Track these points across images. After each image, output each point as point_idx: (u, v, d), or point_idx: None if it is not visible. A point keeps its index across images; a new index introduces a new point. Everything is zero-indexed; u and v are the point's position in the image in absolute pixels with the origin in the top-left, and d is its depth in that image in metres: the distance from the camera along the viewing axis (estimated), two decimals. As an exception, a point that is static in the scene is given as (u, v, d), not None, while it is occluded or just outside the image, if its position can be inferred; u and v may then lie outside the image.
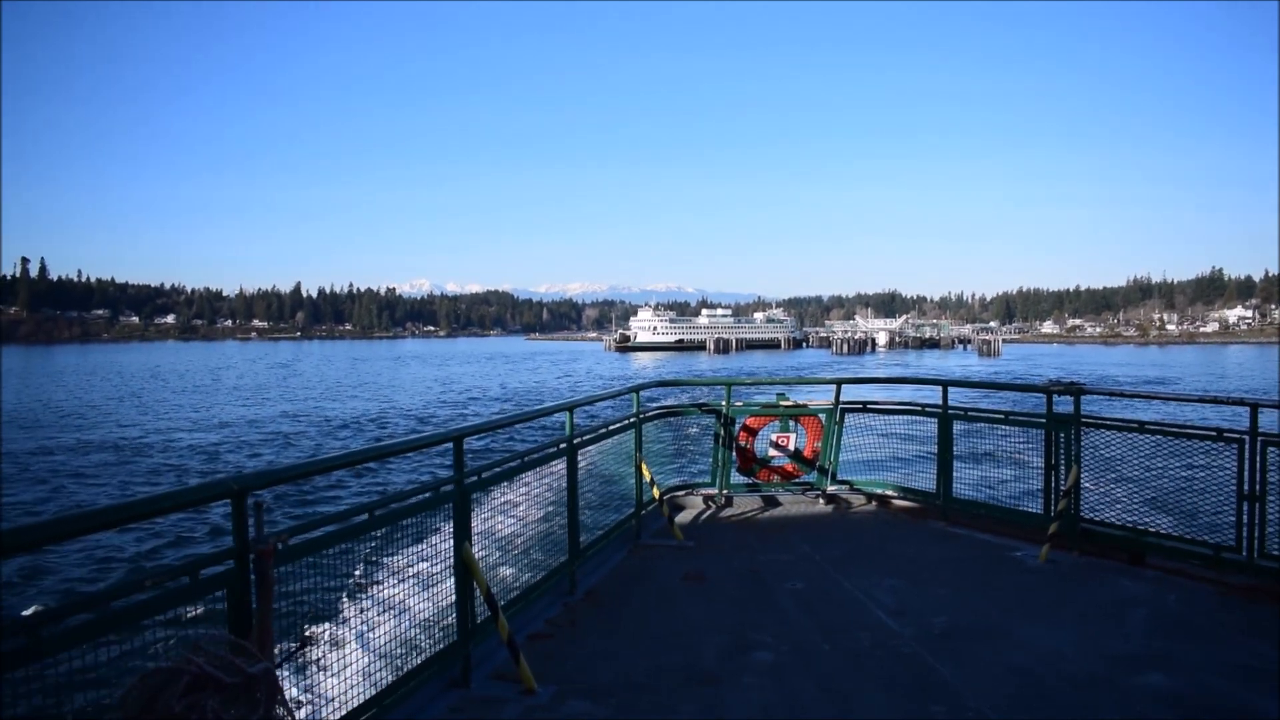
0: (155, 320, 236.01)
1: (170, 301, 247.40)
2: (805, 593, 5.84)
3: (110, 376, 72.57)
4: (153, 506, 2.76)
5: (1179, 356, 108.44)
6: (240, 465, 24.58)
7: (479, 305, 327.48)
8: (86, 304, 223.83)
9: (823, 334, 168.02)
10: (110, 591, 2.46)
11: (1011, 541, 7.10)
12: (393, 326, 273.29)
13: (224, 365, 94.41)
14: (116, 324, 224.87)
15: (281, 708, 2.59)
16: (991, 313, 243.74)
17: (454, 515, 4.32)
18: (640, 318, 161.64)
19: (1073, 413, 6.78)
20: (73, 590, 11.17)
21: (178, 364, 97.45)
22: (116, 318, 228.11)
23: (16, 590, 11.42)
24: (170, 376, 73.60)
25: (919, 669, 4.53)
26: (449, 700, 4.18)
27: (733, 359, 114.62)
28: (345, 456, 3.94)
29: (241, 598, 2.87)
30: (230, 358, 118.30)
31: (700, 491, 8.58)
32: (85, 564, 12.69)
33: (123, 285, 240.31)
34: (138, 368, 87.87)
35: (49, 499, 19.42)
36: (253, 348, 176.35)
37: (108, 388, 59.17)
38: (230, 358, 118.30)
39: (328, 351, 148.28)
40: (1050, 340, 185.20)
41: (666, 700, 4.18)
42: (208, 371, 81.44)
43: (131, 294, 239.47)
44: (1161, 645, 4.83)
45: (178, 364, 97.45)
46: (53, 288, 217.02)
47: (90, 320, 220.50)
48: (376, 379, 69.47)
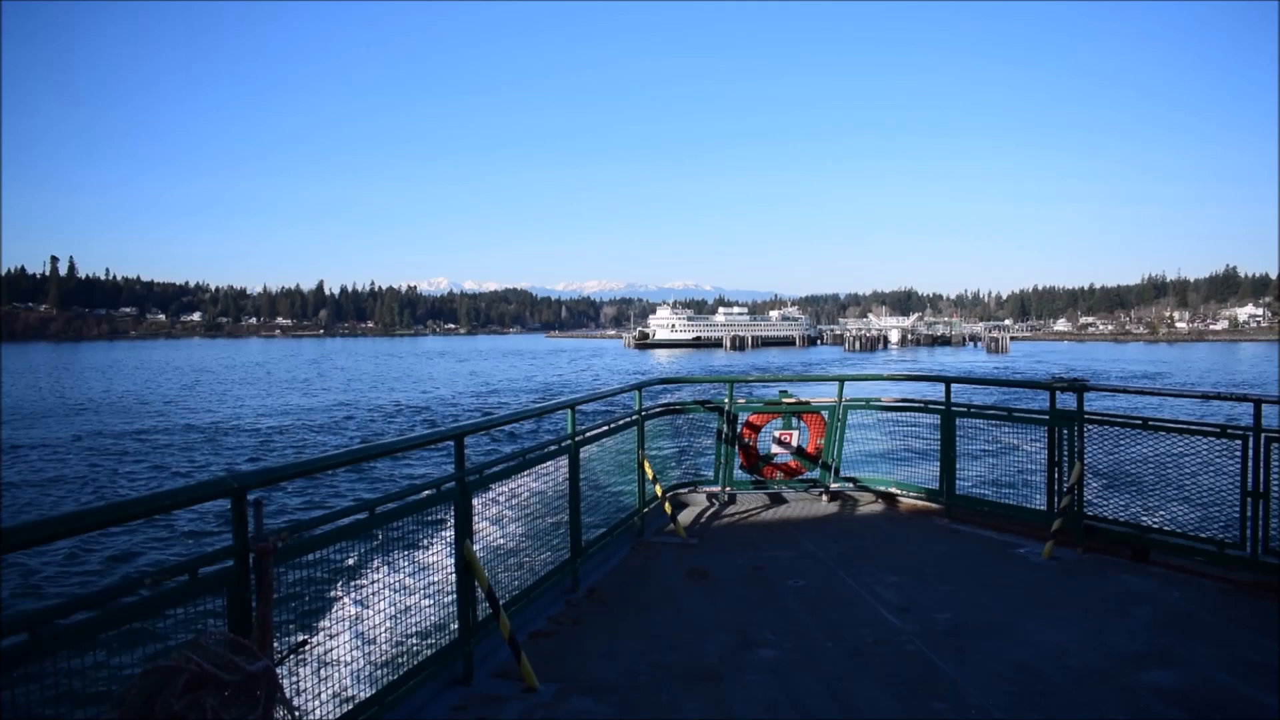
0: (181, 318, 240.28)
1: (195, 299, 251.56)
2: (808, 590, 5.86)
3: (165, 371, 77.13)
4: (152, 505, 2.73)
5: (1183, 353, 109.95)
6: (324, 445, 28.11)
7: (498, 303, 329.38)
8: (114, 302, 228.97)
9: (837, 331, 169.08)
10: (110, 589, 2.48)
11: (1015, 538, 7.09)
12: (414, 324, 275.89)
13: (261, 361, 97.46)
14: (143, 321, 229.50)
15: (282, 706, 2.59)
16: (1006, 311, 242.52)
17: (455, 513, 4.32)
18: (658, 316, 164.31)
19: (1076, 409, 6.78)
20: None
21: (215, 360, 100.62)
22: (144, 315, 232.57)
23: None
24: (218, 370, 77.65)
25: (922, 666, 4.53)
26: (451, 698, 4.19)
27: (748, 355, 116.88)
28: (345, 454, 3.90)
29: (241, 596, 2.87)
30: (263, 354, 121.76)
31: (703, 489, 8.57)
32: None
33: (149, 283, 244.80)
34: (181, 364, 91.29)
35: (160, 471, 23.15)
36: (278, 345, 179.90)
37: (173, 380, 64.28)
38: (263, 354, 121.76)
39: (355, 348, 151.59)
40: (1061, 338, 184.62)
41: (669, 698, 4.19)
42: (251, 366, 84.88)
43: (158, 292, 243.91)
44: (1166, 642, 4.82)
45: (215, 360, 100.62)
46: (81, 286, 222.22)
47: (118, 318, 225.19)
48: (413, 373, 73.23)
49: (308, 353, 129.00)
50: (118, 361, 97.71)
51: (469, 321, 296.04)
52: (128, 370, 78.92)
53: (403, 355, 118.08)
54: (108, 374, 72.42)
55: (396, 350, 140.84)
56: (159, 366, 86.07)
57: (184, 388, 56.31)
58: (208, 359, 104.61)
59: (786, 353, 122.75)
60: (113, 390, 54.33)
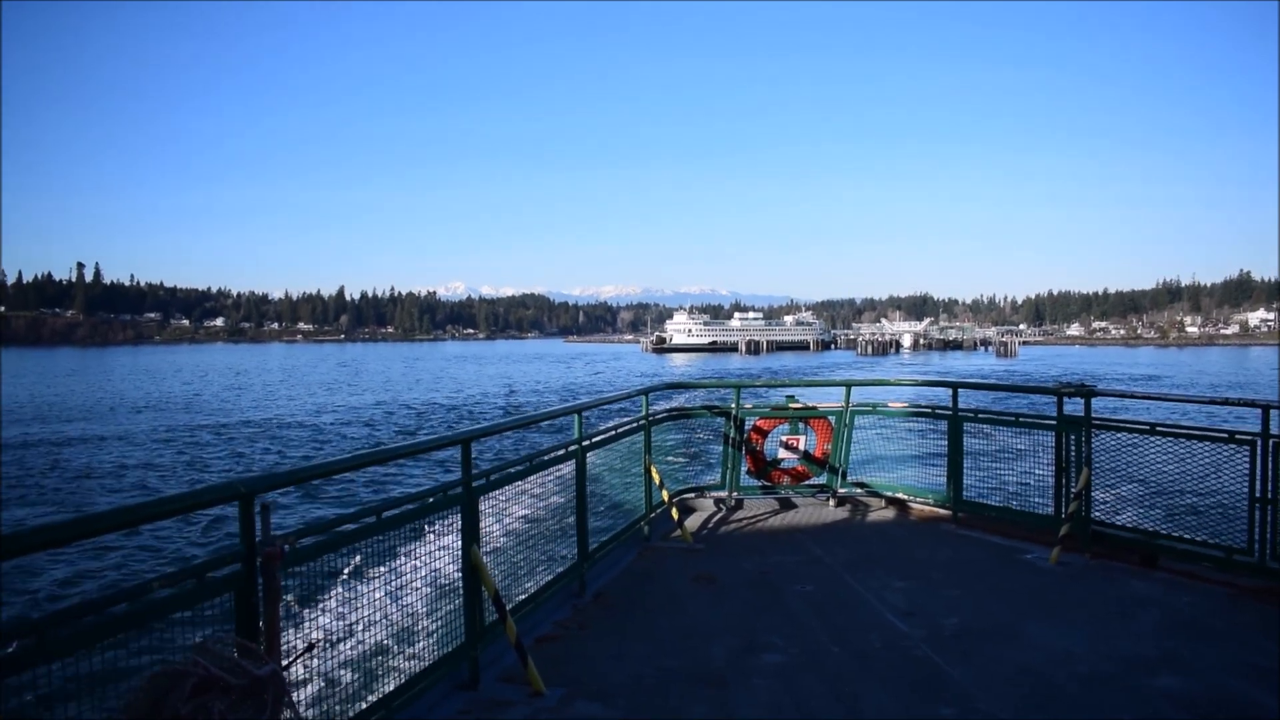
0: (204, 323, 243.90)
1: (218, 305, 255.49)
2: (815, 595, 5.85)
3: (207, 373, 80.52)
4: (160, 509, 2.77)
5: (1184, 357, 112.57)
6: (390, 438, 30.20)
7: (516, 308, 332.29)
8: (139, 307, 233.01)
9: (850, 336, 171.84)
10: (117, 594, 2.48)
11: (1022, 544, 7.07)
12: (433, 329, 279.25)
13: (296, 365, 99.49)
14: (168, 326, 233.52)
15: (289, 710, 2.60)
16: (1021, 315, 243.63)
17: (462, 517, 4.34)
18: (675, 321, 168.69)
19: (1083, 414, 6.74)
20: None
21: (246, 364, 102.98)
22: (168, 320, 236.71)
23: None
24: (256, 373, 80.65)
25: (929, 671, 4.53)
26: (457, 702, 4.20)
27: (763, 359, 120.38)
28: (353, 459, 3.92)
29: (249, 600, 2.89)
30: (292, 359, 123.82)
31: (710, 494, 8.54)
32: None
33: (172, 289, 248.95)
34: (216, 367, 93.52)
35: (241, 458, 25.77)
36: (300, 349, 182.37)
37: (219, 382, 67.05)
38: (292, 359, 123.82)
39: (378, 353, 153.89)
40: (1073, 342, 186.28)
41: (675, 702, 4.20)
42: (286, 370, 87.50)
43: (181, 297, 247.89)
44: (1173, 646, 4.81)
45: (246, 364, 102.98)
46: (107, 291, 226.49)
47: (143, 323, 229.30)
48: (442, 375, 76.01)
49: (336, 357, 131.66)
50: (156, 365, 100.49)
51: (488, 326, 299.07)
52: (172, 373, 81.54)
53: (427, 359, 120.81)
54: (156, 377, 75.01)
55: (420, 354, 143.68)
56: (198, 369, 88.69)
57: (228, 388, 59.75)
58: (235, 363, 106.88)
59: (800, 357, 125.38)
60: (190, 390, 58.09)
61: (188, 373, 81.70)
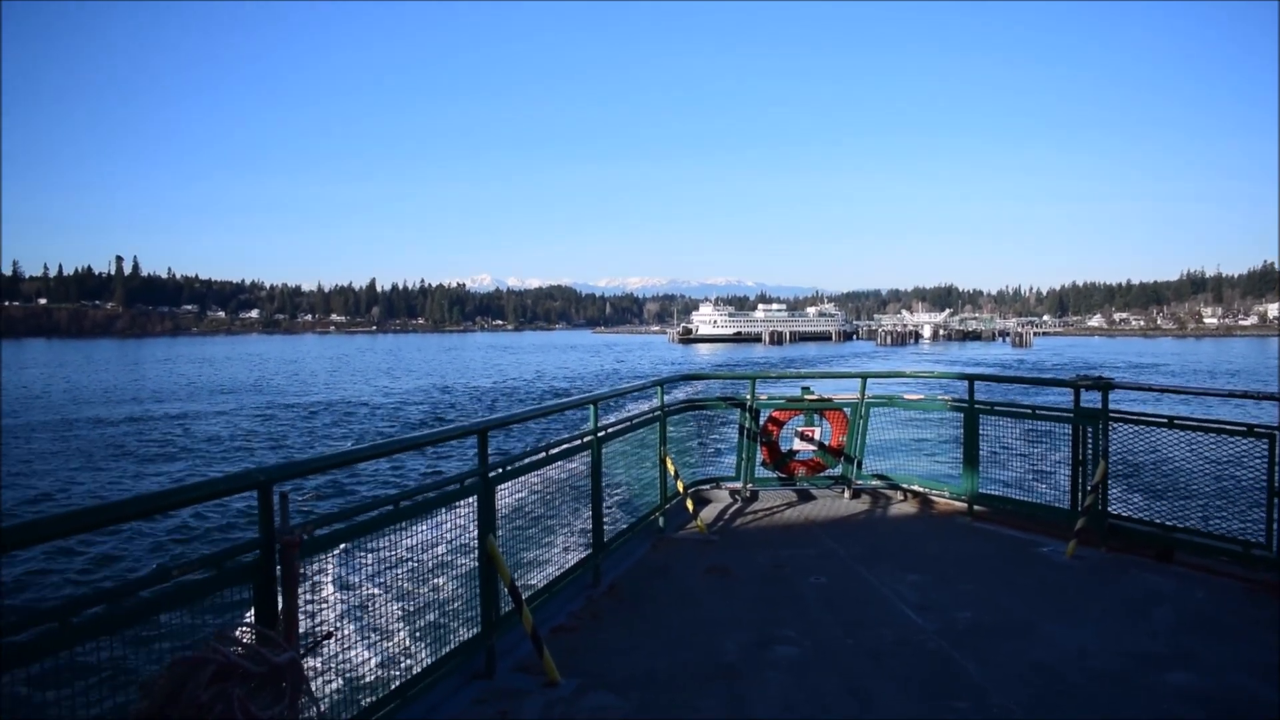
0: (240, 315, 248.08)
1: (253, 297, 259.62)
2: (829, 588, 5.80)
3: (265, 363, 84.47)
4: (179, 498, 2.78)
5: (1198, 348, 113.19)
6: (473, 413, 34.10)
7: (544, 300, 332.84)
8: (176, 299, 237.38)
9: (872, 327, 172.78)
10: (138, 581, 2.52)
11: (1038, 537, 6.99)
12: (463, 320, 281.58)
13: (345, 354, 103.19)
14: (204, 318, 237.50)
15: (306, 697, 2.63)
16: (1045, 306, 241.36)
17: (478, 507, 4.33)
18: (701, 312, 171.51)
19: (1100, 408, 6.64)
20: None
21: (289, 355, 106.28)
22: (204, 312, 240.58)
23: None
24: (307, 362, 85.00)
25: (943, 665, 4.49)
26: (473, 691, 4.21)
27: (786, 349, 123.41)
28: (370, 449, 3.92)
29: (267, 588, 2.92)
30: (334, 349, 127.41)
31: (725, 485, 8.50)
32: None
33: (208, 281, 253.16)
34: (271, 358, 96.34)
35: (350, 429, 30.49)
36: (333, 341, 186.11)
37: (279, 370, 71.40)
38: (334, 349, 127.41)
39: (412, 344, 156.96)
40: (1093, 333, 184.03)
41: (688, 694, 4.18)
42: (332, 359, 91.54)
43: (217, 290, 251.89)
44: (1188, 642, 4.74)
45: (289, 355, 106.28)
46: (145, 284, 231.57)
47: (180, 315, 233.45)
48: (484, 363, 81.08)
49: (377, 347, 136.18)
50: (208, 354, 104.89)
51: (516, 318, 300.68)
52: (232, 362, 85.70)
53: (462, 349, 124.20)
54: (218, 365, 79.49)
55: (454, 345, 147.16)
56: (255, 360, 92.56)
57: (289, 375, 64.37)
58: (283, 353, 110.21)
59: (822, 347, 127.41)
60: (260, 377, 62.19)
61: (240, 362, 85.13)
